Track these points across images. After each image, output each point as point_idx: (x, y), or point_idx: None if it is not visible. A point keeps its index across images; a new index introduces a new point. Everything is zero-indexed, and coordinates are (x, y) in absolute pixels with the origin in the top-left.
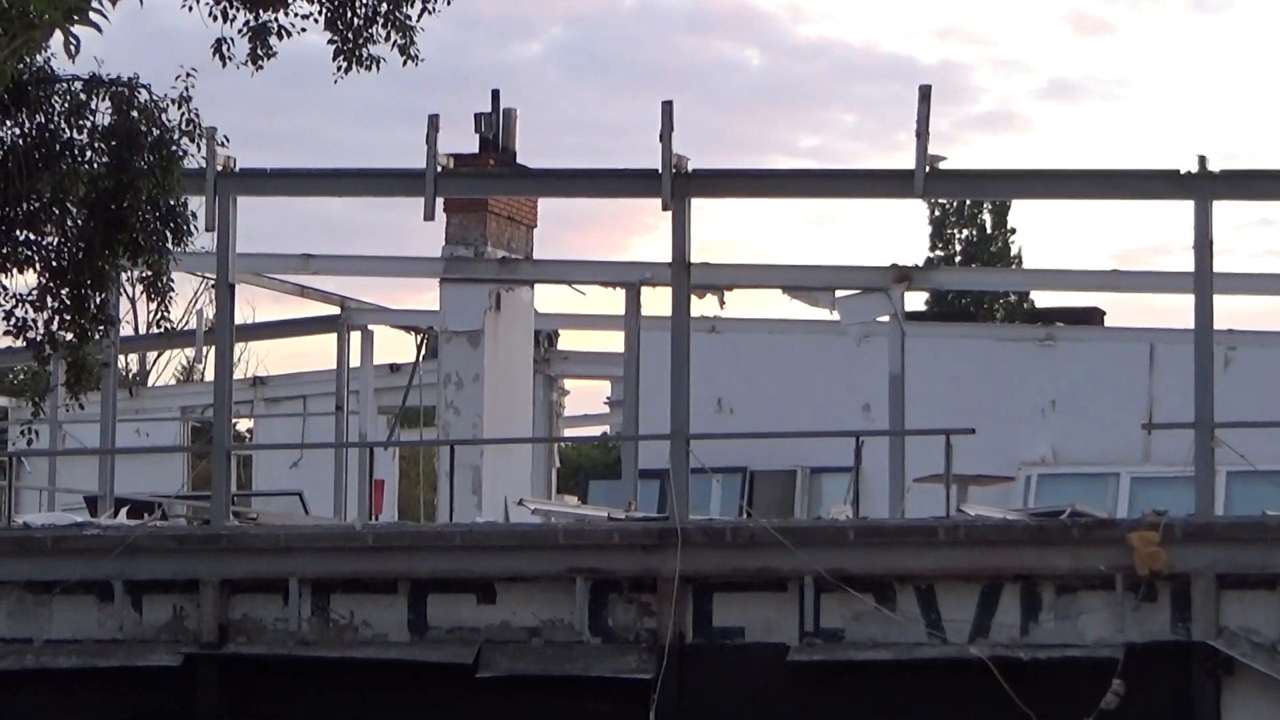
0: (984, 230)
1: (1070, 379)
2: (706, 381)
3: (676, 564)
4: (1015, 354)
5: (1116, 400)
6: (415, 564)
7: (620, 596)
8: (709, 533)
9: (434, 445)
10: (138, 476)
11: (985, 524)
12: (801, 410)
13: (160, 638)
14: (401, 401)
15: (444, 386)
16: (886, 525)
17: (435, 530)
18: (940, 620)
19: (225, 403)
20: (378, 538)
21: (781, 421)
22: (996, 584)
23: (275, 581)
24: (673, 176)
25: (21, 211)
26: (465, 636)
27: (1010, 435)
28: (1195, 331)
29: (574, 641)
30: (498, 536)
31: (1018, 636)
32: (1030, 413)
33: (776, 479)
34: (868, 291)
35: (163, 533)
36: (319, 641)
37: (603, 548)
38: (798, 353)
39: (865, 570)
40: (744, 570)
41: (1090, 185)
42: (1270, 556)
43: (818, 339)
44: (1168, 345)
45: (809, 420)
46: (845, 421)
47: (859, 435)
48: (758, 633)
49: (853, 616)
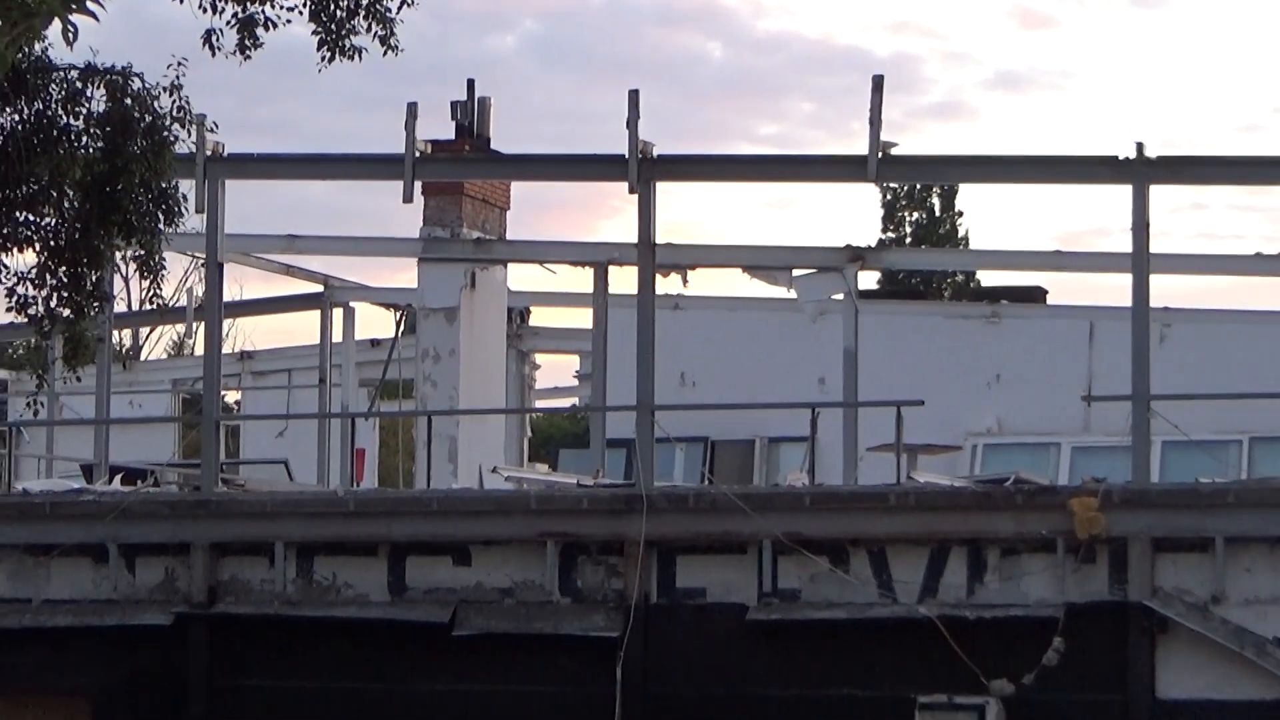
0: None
1: (1014, 354)
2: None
3: (642, 528)
4: (962, 330)
5: (1058, 374)
6: (394, 528)
7: (589, 559)
8: (673, 499)
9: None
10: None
11: (934, 491)
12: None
13: (153, 598)
14: (381, 375)
15: (422, 360)
16: (841, 492)
17: (413, 496)
18: (891, 581)
19: (214, 376)
20: (359, 503)
21: (741, 394)
22: (944, 547)
23: (262, 545)
24: (639, 161)
25: (21, 194)
26: (442, 597)
27: (957, 407)
28: (1133, 309)
29: (545, 601)
30: (473, 502)
31: (964, 597)
32: (976, 386)
33: (737, 448)
34: (823, 271)
35: (155, 499)
36: (303, 601)
37: (572, 513)
38: (757, 329)
39: (820, 534)
40: (706, 534)
41: (1034, 170)
42: (1202, 521)
43: (776, 316)
44: (1106, 322)
45: (767, 392)
46: (801, 394)
47: (814, 407)
48: (718, 593)
49: (808, 578)
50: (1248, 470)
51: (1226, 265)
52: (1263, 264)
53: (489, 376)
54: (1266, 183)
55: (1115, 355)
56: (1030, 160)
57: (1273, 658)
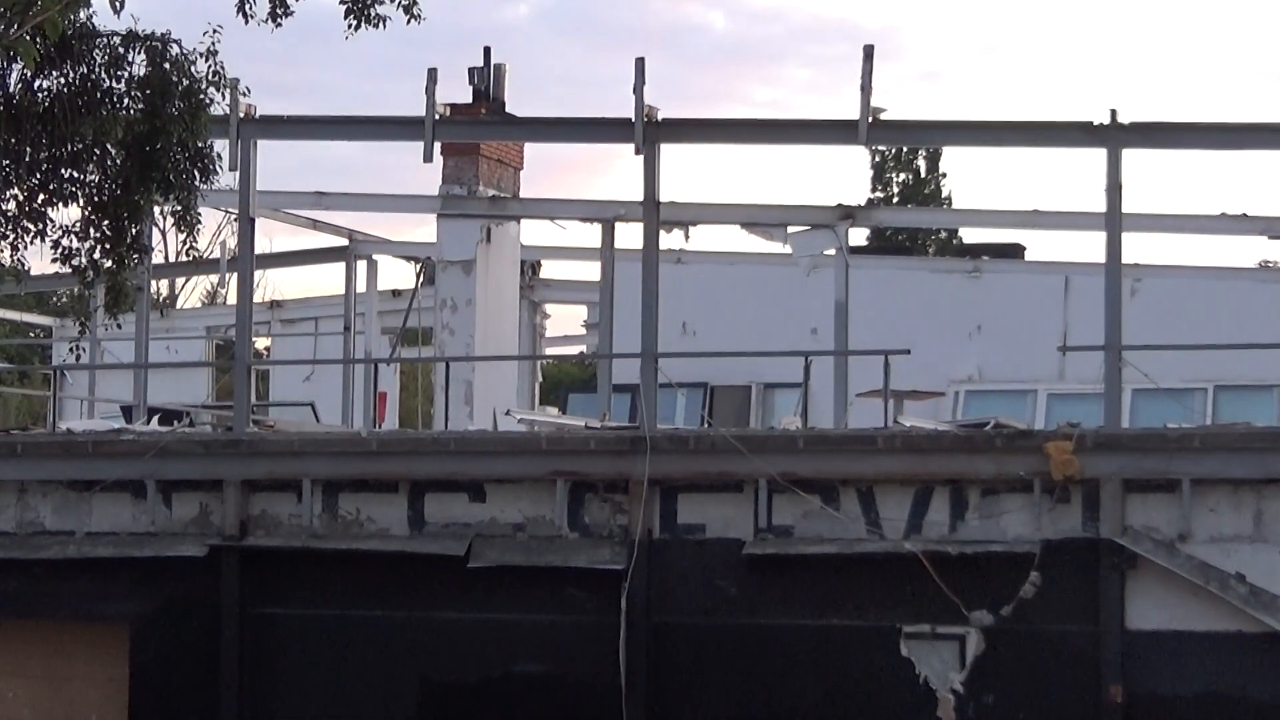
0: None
1: (994, 306)
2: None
3: (645, 468)
4: (946, 284)
5: (1035, 325)
6: (414, 467)
7: (596, 496)
8: (675, 440)
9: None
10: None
11: (918, 434)
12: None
13: (188, 531)
14: (402, 323)
15: (440, 310)
16: (831, 434)
17: (432, 437)
18: (879, 519)
19: (246, 323)
20: (381, 443)
21: (739, 342)
22: (928, 487)
23: (290, 482)
24: (644, 124)
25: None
26: (458, 531)
27: (941, 356)
28: (1106, 265)
29: (554, 536)
30: (487, 443)
31: (947, 533)
32: (959, 336)
33: (734, 393)
34: (816, 228)
35: (190, 438)
36: (328, 535)
37: (580, 453)
38: (753, 282)
39: (812, 474)
40: (705, 474)
41: (1014, 135)
42: (1170, 464)
43: (771, 270)
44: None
45: (763, 341)
46: (795, 343)
47: (807, 355)
48: (717, 529)
49: (801, 515)
50: (1212, 416)
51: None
52: (1227, 224)
53: (503, 325)
54: (1236, 148)
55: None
56: (1010, 125)
57: (1235, 592)
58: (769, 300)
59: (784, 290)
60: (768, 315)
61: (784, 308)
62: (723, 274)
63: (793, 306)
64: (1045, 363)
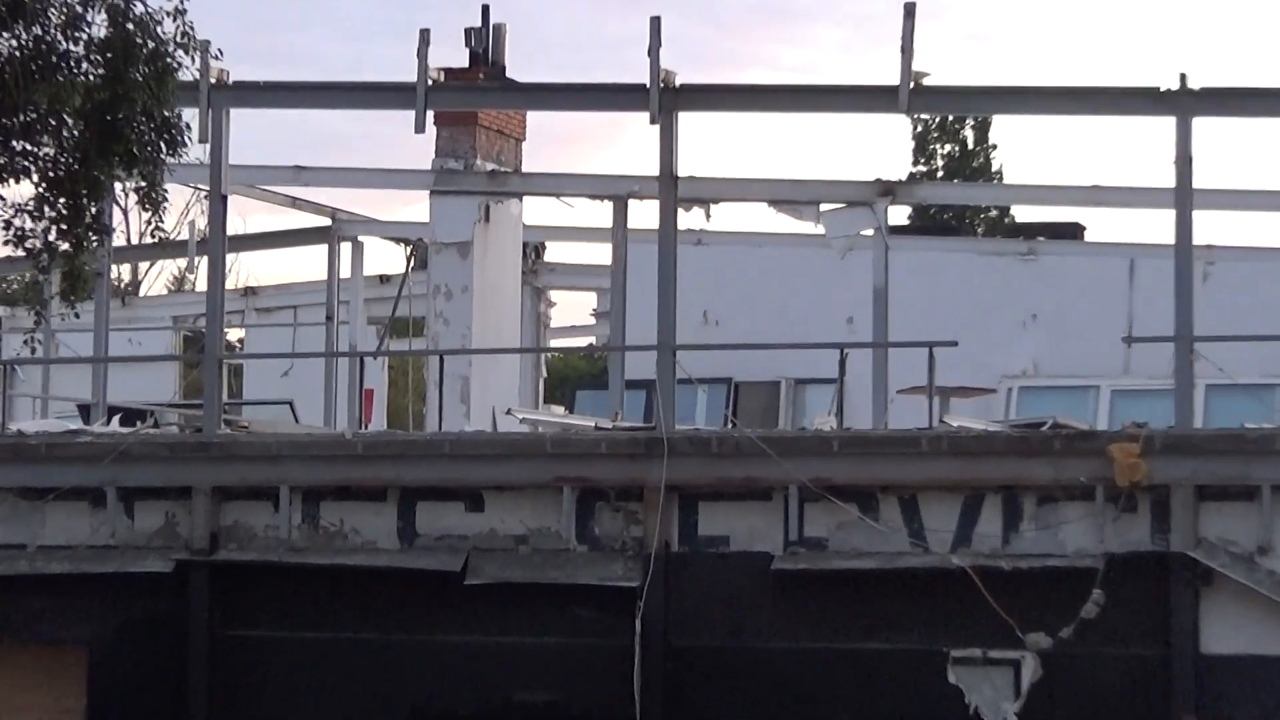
0: (966, 145)
1: (1051, 293)
2: (692, 293)
3: (663, 473)
4: (997, 268)
5: (1097, 314)
6: (404, 472)
7: (607, 505)
8: (695, 442)
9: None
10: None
11: (967, 435)
12: (786, 322)
13: (152, 544)
14: (391, 312)
15: (433, 297)
16: (870, 436)
17: (424, 439)
18: (923, 530)
19: (217, 312)
20: (367, 446)
21: (766, 333)
22: (978, 494)
23: (266, 489)
24: (660, 91)
25: (19, 122)
26: (453, 544)
27: (992, 348)
28: (1175, 246)
29: (561, 549)
30: (486, 445)
31: (999, 546)
32: (1012, 326)
33: (761, 390)
34: (852, 205)
35: (155, 440)
36: (309, 548)
37: (590, 457)
38: (782, 265)
39: (849, 480)
40: (729, 480)
41: (1072, 101)
42: (1248, 468)
43: (802, 252)
44: (1147, 260)
45: (793, 332)
46: (829, 333)
47: (843, 347)
48: (742, 541)
49: (836, 526)
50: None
51: (1272, 202)
52: None
53: (503, 314)
54: None
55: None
56: (1068, 91)
57: None
58: (800, 286)
59: (816, 275)
60: (798, 303)
61: (816, 294)
62: (748, 257)
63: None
64: (1108, 355)
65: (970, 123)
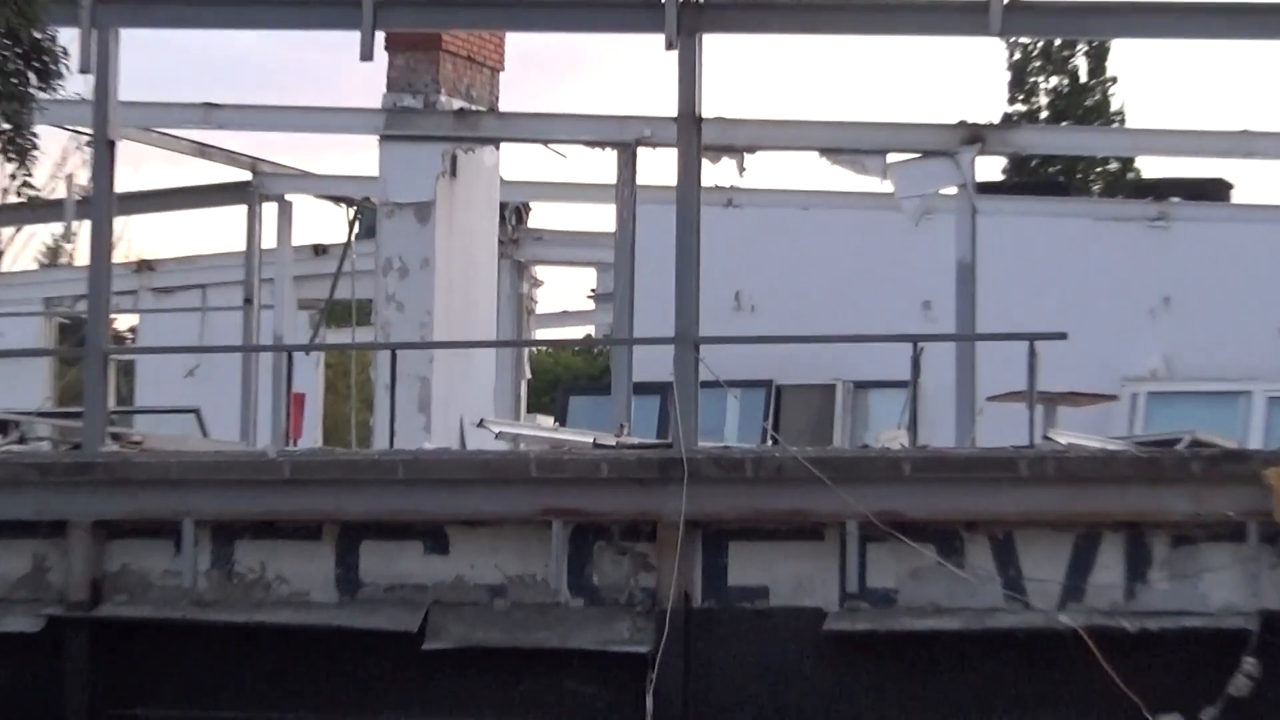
0: (1077, 79)
1: (1189, 270)
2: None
3: (682, 504)
4: (1118, 237)
5: (1248, 297)
6: (345, 502)
7: (609, 546)
8: (724, 464)
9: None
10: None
11: (1079, 456)
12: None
13: (15, 596)
14: (329, 293)
15: (383, 274)
16: (953, 456)
17: (371, 459)
18: (1021, 579)
19: (102, 293)
20: (297, 468)
21: (817, 322)
22: (1094, 533)
23: (165, 524)
24: (680, 6)
25: None
26: (409, 596)
27: (1111, 341)
28: None
29: (549, 604)
30: (451, 467)
31: (1121, 601)
32: (1137, 313)
33: (811, 395)
34: (930, 156)
35: (20, 460)
36: (220, 601)
37: (587, 482)
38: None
39: (925, 514)
40: (768, 512)
41: (1216, 21)
42: None
43: (864, 217)
44: None
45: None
46: (899, 322)
47: (917, 340)
48: (786, 594)
49: (908, 573)
50: None
51: None
52: None
53: (474, 297)
54: None
55: None
56: (1210, 7)
57: None
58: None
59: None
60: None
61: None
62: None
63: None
64: (1262, 351)
65: (1083, 49)
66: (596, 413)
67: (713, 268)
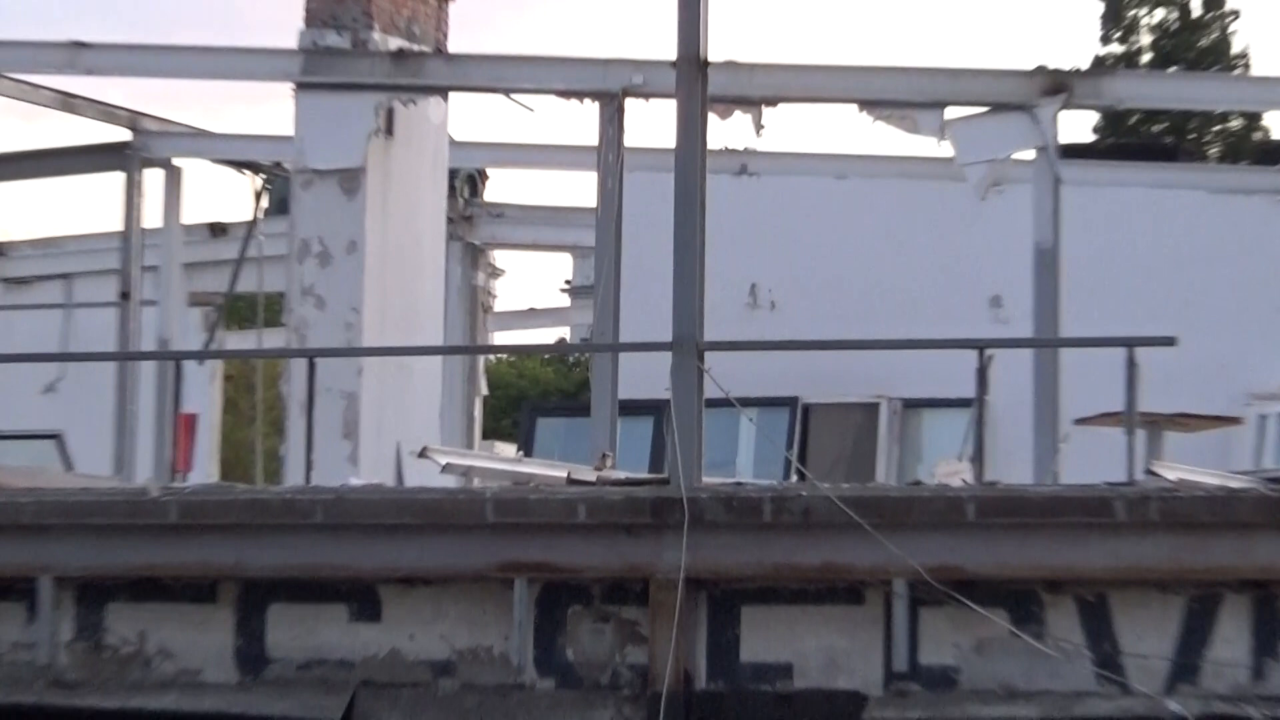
0: (1188, 13)
1: None
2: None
3: (681, 556)
4: (1241, 215)
5: None
6: (248, 555)
7: (588, 611)
8: (735, 506)
9: (281, 357)
10: None
11: (1192, 496)
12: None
13: None
14: (229, 285)
15: (299, 261)
16: (1030, 496)
17: (281, 499)
18: (1118, 654)
19: None
20: (186, 510)
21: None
22: (1211, 595)
23: (14, 582)
24: None
25: None
26: (330, 675)
27: (1233, 348)
28: None
29: (510, 685)
30: (385, 510)
31: (1246, 682)
32: (1265, 312)
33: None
34: (1000, 110)
35: None
36: (87, 682)
37: (559, 529)
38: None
39: (994, 570)
40: (793, 568)
41: None
42: None
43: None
44: None
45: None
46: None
47: (983, 345)
48: (816, 673)
49: (973, 647)
50: None
51: None
52: None
53: (416, 290)
54: None
55: None
56: None
57: None
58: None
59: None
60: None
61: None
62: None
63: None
64: None
65: None
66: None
67: (722, 253)
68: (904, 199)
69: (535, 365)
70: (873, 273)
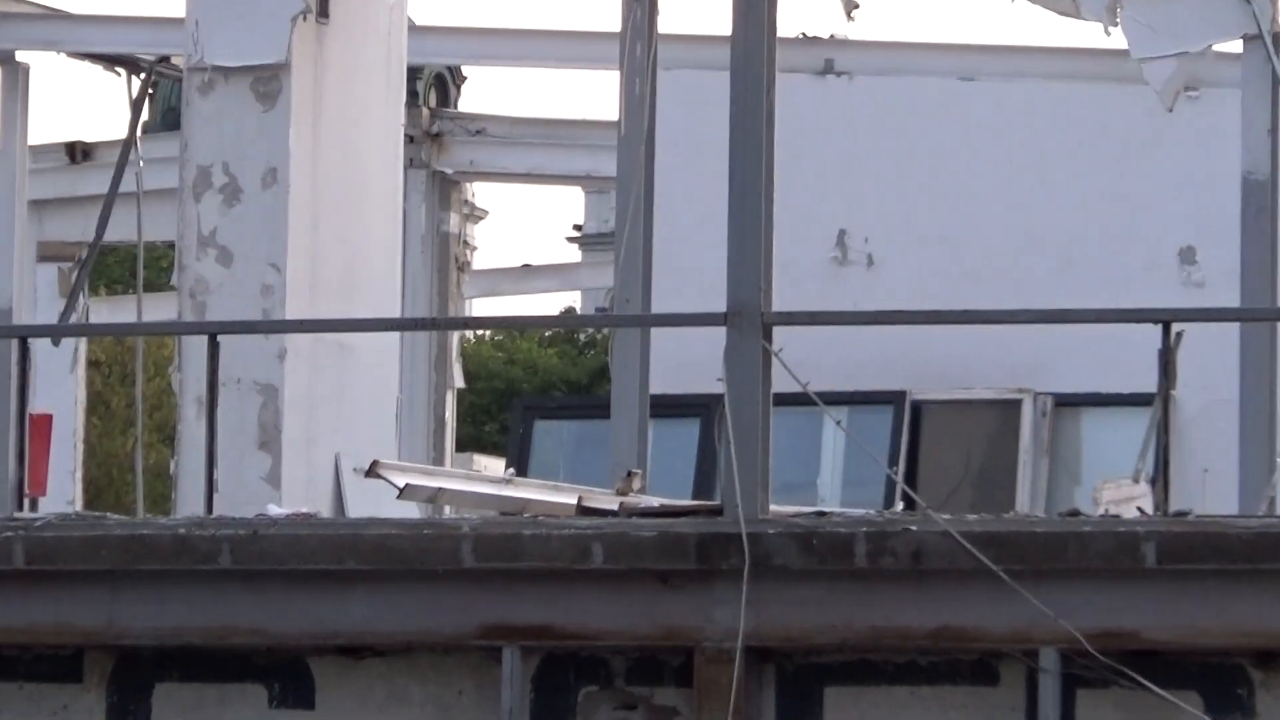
0: None
1: None
2: (814, 191)
3: (740, 617)
4: None
5: None
6: (124, 613)
7: (606, 694)
8: (815, 545)
9: (169, 334)
10: None
11: None
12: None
13: None
14: (96, 234)
15: (195, 199)
16: (1234, 533)
17: (172, 535)
18: None
19: None
20: (36, 550)
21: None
22: None
23: None
24: None
25: None
26: None
27: None
28: None
29: None
30: (318, 550)
31: None
32: None
33: (974, 419)
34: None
35: None
36: None
37: (566, 578)
38: (1026, 127)
39: (1181, 637)
40: (898, 633)
41: None
42: None
43: (1075, 94)
44: None
45: (1047, 283)
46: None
47: (1170, 318)
48: None
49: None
50: None
51: None
52: None
53: (361, 239)
54: None
55: None
56: None
57: None
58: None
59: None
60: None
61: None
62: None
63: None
64: None
65: None
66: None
67: (798, 187)
68: (1057, 110)
69: (532, 346)
70: (1010, 216)
